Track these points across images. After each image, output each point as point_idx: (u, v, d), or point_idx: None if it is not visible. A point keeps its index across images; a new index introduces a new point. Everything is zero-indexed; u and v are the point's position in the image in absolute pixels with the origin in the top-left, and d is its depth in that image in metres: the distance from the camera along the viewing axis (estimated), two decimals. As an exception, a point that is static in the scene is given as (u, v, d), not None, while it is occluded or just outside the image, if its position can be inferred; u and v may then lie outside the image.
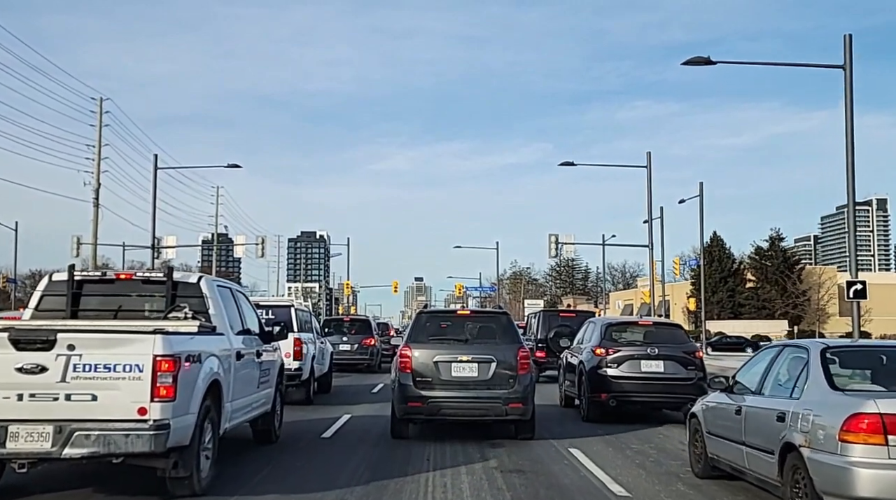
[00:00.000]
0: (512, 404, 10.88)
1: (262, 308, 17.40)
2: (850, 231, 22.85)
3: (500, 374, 10.99)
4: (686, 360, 13.69)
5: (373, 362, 27.63)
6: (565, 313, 25.40)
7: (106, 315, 8.38)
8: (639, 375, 13.54)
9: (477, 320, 12.49)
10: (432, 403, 10.91)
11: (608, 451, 10.89)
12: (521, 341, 11.72)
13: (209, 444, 7.68)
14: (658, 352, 13.61)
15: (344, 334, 27.50)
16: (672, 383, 13.54)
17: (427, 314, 12.41)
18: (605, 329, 14.20)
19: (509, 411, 10.94)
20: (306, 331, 17.81)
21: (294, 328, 16.48)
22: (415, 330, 11.70)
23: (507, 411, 10.93)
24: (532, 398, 11.28)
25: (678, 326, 15.20)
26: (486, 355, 11.08)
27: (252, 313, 10.19)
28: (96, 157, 46.58)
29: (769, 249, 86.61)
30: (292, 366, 15.77)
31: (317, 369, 18.23)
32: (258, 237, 52.31)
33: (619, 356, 13.65)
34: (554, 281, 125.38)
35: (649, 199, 42.71)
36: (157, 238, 47.10)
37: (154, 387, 6.57)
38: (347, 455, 10.19)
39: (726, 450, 8.08)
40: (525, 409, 11.03)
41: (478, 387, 10.95)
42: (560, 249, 45.39)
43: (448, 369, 11.01)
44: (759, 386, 7.63)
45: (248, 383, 9.29)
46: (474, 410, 11.03)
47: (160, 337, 6.68)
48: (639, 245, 48.29)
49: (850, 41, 22.01)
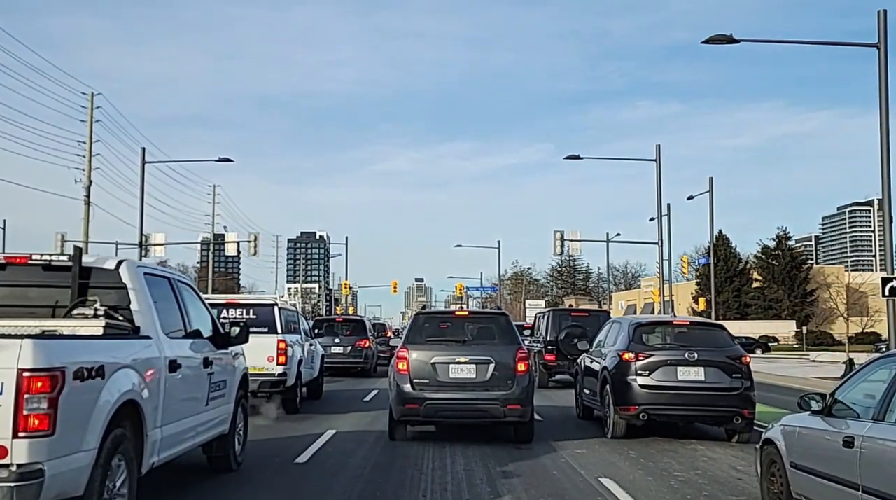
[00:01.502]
0: (511, 405, 10.71)
1: (242, 307, 15.54)
2: (886, 223, 20.80)
3: (498, 375, 10.84)
4: (730, 366, 11.55)
5: (367, 366, 25.56)
6: (577, 313, 23.09)
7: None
8: (675, 384, 11.42)
9: (475, 320, 12.29)
10: (430, 405, 10.75)
11: (648, 482, 8.77)
12: (519, 341, 11.45)
13: (122, 489, 5.57)
14: (697, 357, 11.47)
15: (336, 335, 25.44)
16: (714, 393, 11.41)
17: (425, 315, 12.21)
18: (633, 330, 12.09)
19: (508, 413, 10.76)
20: (292, 332, 16.04)
21: (278, 329, 14.66)
22: (412, 331, 11.50)
23: (505, 412, 10.75)
24: (531, 400, 11.07)
25: (720, 326, 13.00)
26: (484, 356, 10.95)
27: (201, 311, 8.07)
28: (87, 153, 45.07)
29: (776, 248, 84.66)
30: (276, 371, 14.28)
31: (305, 374, 16.57)
32: (250, 234, 50.09)
33: (652, 362, 11.53)
34: (555, 281, 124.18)
35: (659, 193, 40.74)
36: (145, 235, 45.24)
37: (18, 416, 4.47)
38: (322, 490, 8.08)
39: (824, 493, 5.99)
40: (524, 410, 10.86)
41: (476, 388, 10.83)
42: (565, 246, 43.22)
43: (446, 370, 10.88)
44: (882, 410, 5.52)
45: (192, 401, 7.19)
46: (472, 412, 10.92)
47: (29, 344, 4.56)
48: (647, 242, 46.28)
49: (884, 17, 20.23)
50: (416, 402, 10.76)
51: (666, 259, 47.46)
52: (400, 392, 10.88)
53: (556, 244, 42.78)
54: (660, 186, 40.66)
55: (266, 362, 14.41)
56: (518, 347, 11.20)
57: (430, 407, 10.76)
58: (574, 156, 40.90)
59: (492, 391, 10.78)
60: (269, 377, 14.42)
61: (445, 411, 10.90)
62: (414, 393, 10.79)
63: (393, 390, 11.13)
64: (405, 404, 10.84)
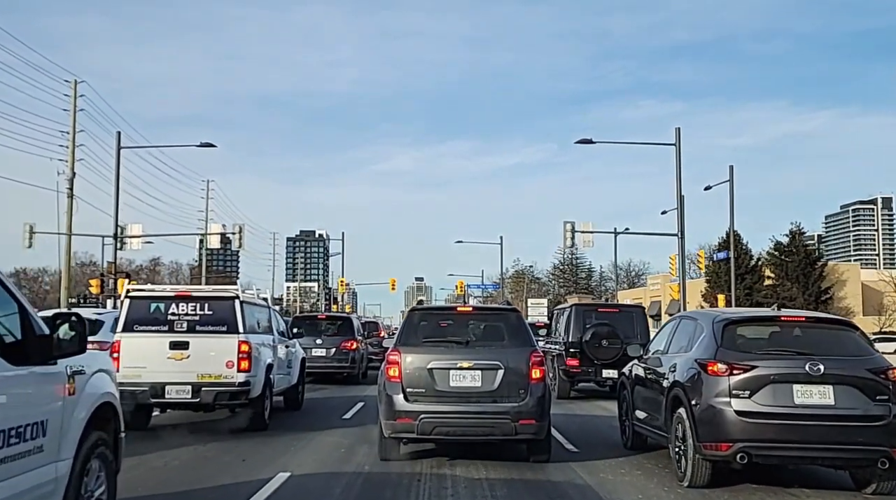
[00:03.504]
0: (523, 420, 9.10)
1: (194, 301, 12.28)
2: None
3: (508, 383, 9.26)
4: (872, 384, 7.79)
5: (355, 371, 21.94)
6: (605, 309, 19.04)
7: None
8: (790, 410, 7.69)
9: (481, 318, 10.72)
10: (426, 419, 9.13)
11: None
12: (533, 343, 9.92)
13: None
14: (824, 371, 7.73)
15: (318, 335, 21.80)
16: (850, 425, 7.69)
17: (421, 312, 10.31)
18: (721, 329, 8.34)
19: (520, 430, 9.13)
20: (261, 331, 13.18)
21: (239, 328, 12.01)
22: (406, 331, 9.92)
23: (517, 429, 9.12)
24: (548, 412, 9.45)
25: (851, 325, 8.85)
26: (491, 360, 9.37)
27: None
28: (70, 144, 41.80)
29: (789, 244, 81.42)
30: (236, 379, 11.82)
31: (280, 382, 13.99)
32: (234, 225, 46.26)
33: (754, 378, 7.80)
34: (557, 280, 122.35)
35: (678, 179, 37.34)
36: (121, 227, 41.88)
37: None
38: None
39: None
40: (539, 426, 9.26)
41: (482, 400, 9.25)
42: (576, 238, 39.53)
43: (445, 377, 9.31)
44: None
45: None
46: (477, 428, 9.25)
47: None
48: (664, 233, 42.49)
49: None
50: (410, 415, 9.15)
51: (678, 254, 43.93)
52: (390, 404, 9.27)
53: (566, 236, 39.17)
54: (679, 170, 37.32)
55: (224, 369, 11.75)
56: (532, 349, 9.61)
57: (426, 422, 9.11)
58: (586, 140, 37.81)
59: (501, 403, 9.18)
60: (228, 387, 11.72)
61: (445, 427, 9.23)
62: (407, 405, 9.20)
63: (382, 402, 9.48)
64: (396, 418, 9.22)
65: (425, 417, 9.12)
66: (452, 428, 9.29)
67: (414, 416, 9.14)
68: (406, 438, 9.54)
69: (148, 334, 11.99)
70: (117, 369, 12.30)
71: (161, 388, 11.68)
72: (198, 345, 11.87)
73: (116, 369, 12.27)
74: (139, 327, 12.09)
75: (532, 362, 9.37)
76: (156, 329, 12.03)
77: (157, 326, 12.07)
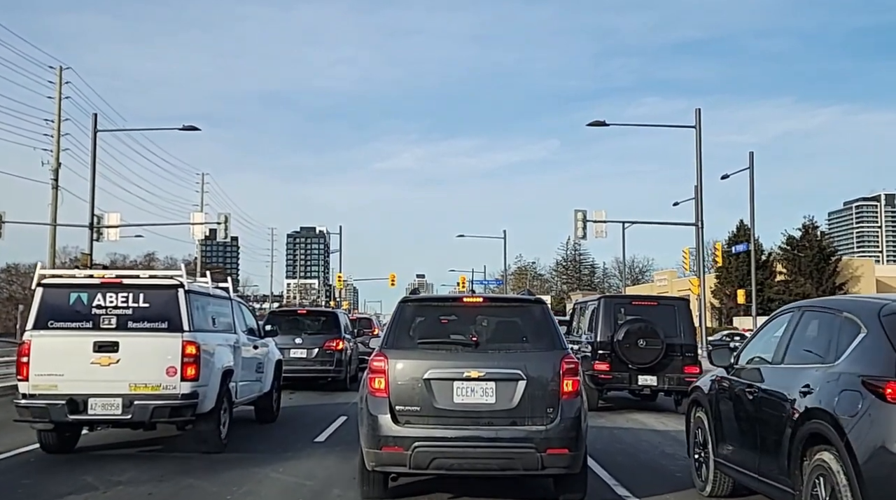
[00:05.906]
0: (552, 449, 6.87)
1: (126, 290, 9.61)
2: None
3: (532, 399, 7.03)
4: None
5: (341, 375, 19.06)
6: (640, 302, 16.01)
7: None
8: None
9: (494, 311, 8.10)
10: (422, 448, 6.87)
11: None
12: (564, 344, 7.54)
13: None
14: None
15: (298, 333, 18.97)
16: None
17: (415, 304, 7.91)
18: (892, 326, 5.46)
19: (547, 462, 6.86)
20: (217, 329, 10.89)
21: (184, 325, 9.68)
22: (395, 329, 7.57)
23: (543, 460, 6.85)
24: (584, 438, 7.13)
25: None
26: (509, 368, 7.13)
27: None
28: (55, 133, 39.50)
29: (802, 238, 78.90)
30: (179, 390, 9.52)
31: (246, 390, 11.83)
32: (220, 215, 43.38)
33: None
34: (559, 276, 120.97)
35: (698, 162, 34.81)
36: (97, 216, 39.30)
37: None
38: None
39: None
40: (574, 457, 6.97)
41: (496, 421, 6.99)
42: (587, 228, 36.79)
43: (448, 391, 7.05)
44: None
45: None
46: (490, 460, 6.95)
47: None
48: (681, 223, 39.70)
49: None
50: (401, 444, 6.97)
51: (693, 248, 41.32)
52: (374, 427, 7.09)
53: (576, 226, 36.54)
54: (699, 152, 34.82)
55: (164, 377, 9.49)
56: (563, 353, 7.39)
57: (422, 453, 6.94)
58: (599, 122, 35.38)
59: (522, 426, 7.05)
60: (169, 400, 9.45)
61: (447, 459, 7.00)
62: (396, 429, 7.03)
63: (363, 423, 7.29)
64: (382, 447, 7.03)
65: (421, 445, 6.95)
66: (457, 460, 7.04)
67: (406, 444, 6.96)
68: (395, 473, 7.45)
69: (66, 332, 9.52)
70: (25, 378, 9.69)
71: (83, 401, 9.27)
72: (130, 347, 9.42)
73: (24, 377, 9.73)
74: (55, 323, 9.59)
75: (564, 370, 7.17)
76: (76, 326, 9.55)
77: (77, 322, 9.59)
